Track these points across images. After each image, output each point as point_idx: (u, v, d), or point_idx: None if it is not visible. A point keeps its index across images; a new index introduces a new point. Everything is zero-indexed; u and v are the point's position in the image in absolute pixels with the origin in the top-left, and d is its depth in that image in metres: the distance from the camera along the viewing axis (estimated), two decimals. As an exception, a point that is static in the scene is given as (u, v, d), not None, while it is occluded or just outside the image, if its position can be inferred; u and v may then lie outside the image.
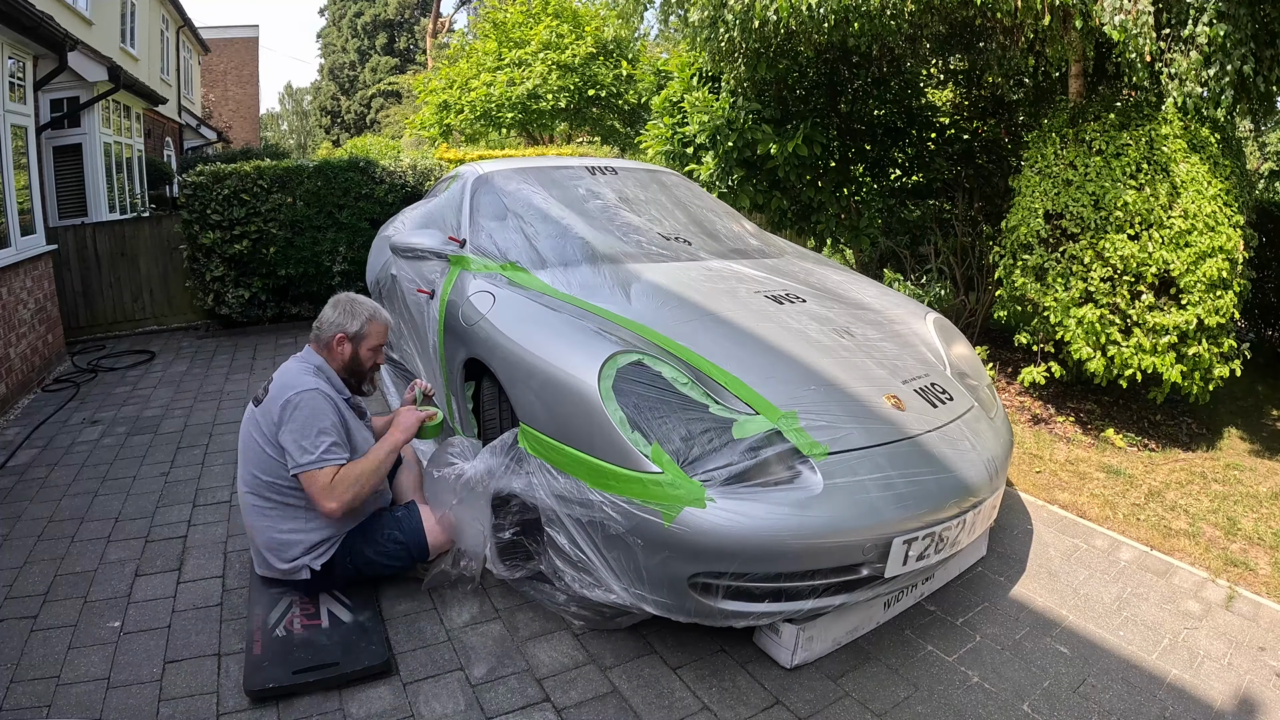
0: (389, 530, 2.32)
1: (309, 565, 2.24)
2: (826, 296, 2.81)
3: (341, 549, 2.27)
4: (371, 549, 2.29)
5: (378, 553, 2.30)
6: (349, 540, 2.28)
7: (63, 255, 5.85)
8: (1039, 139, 3.86)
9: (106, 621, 2.21)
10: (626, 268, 2.79)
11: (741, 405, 2.04)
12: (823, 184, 5.46)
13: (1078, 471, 3.39)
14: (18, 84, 5.30)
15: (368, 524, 2.33)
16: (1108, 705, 1.93)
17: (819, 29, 3.99)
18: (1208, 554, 2.70)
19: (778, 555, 1.82)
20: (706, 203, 3.74)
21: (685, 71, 5.73)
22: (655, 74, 10.18)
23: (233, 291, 5.91)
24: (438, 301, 2.96)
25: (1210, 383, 3.39)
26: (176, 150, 14.25)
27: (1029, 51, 4.08)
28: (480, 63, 12.66)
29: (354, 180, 6.20)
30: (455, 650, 2.10)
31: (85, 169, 8.18)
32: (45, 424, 3.96)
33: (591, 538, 1.99)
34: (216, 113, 22.39)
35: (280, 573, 2.26)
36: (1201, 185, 3.30)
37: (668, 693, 1.95)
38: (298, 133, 41.88)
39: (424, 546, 2.33)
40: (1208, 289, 3.24)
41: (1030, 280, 3.70)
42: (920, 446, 2.08)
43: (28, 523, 2.83)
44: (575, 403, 2.03)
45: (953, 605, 2.35)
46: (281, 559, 2.24)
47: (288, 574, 2.26)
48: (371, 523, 2.34)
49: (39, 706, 1.86)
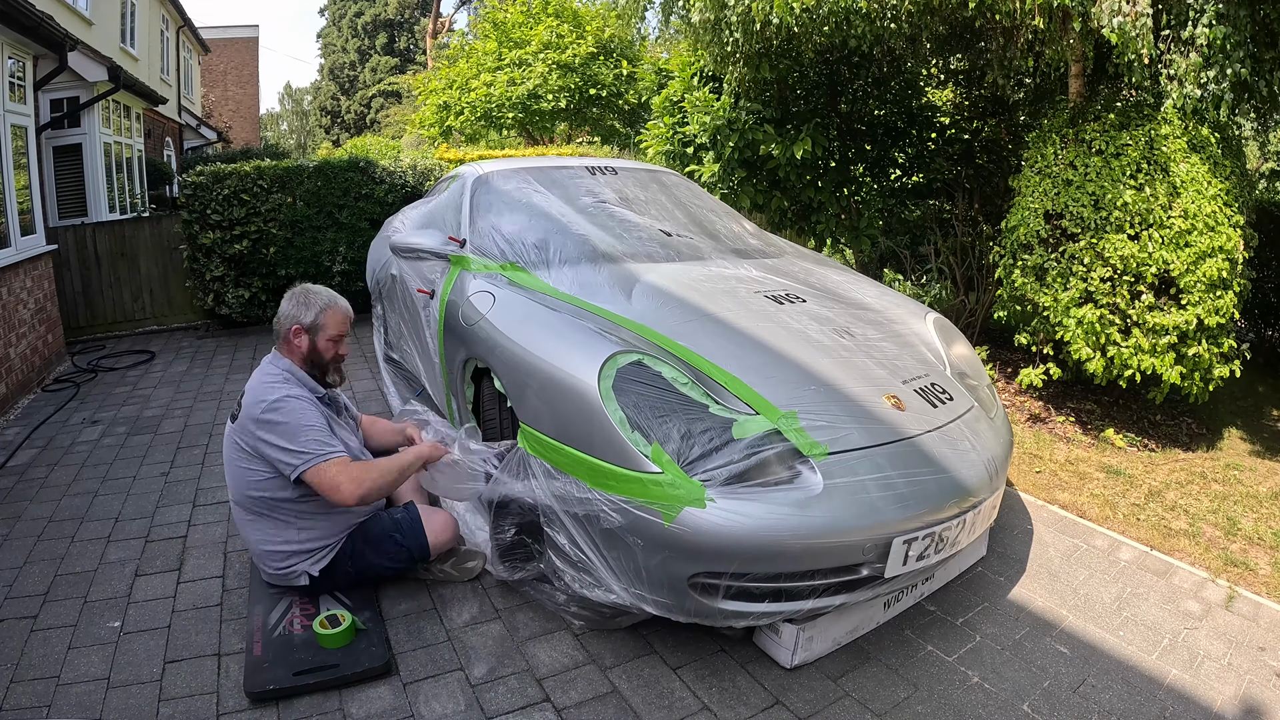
0: (389, 532, 2.31)
1: (307, 571, 2.24)
2: (826, 296, 2.81)
3: (342, 552, 2.26)
4: (372, 551, 2.28)
5: (378, 554, 2.29)
6: (349, 543, 2.27)
7: (63, 255, 5.85)
8: (1039, 139, 3.86)
9: (106, 621, 2.21)
10: (626, 268, 2.79)
11: (741, 405, 2.04)
12: (823, 184, 5.46)
13: (1078, 471, 3.39)
14: (18, 84, 5.30)
15: (368, 526, 2.32)
16: (1108, 705, 1.93)
17: (820, 30, 3.99)
18: (1208, 554, 2.70)
19: (778, 555, 1.82)
20: (706, 203, 3.74)
21: (686, 71, 5.73)
22: (656, 74, 10.17)
23: (233, 291, 5.91)
24: (438, 301, 2.96)
25: (1210, 383, 3.39)
26: (176, 150, 14.26)
27: (1029, 52, 4.08)
28: (480, 63, 12.65)
29: (354, 180, 6.20)
30: (455, 650, 2.10)
31: (85, 169, 8.18)
32: (45, 424, 3.96)
33: (591, 538, 1.99)
34: (216, 113, 22.39)
35: (279, 579, 2.27)
36: (1201, 185, 3.30)
37: (668, 693, 1.95)
38: (298, 133, 41.89)
39: (425, 547, 2.32)
40: (1208, 289, 3.24)
41: (1030, 280, 3.70)
42: (920, 446, 2.08)
43: (28, 523, 2.83)
44: (575, 403, 2.03)
45: (953, 605, 2.36)
46: (277, 567, 2.25)
47: (285, 579, 2.26)
48: (371, 525, 2.33)
49: (39, 706, 1.86)
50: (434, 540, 2.33)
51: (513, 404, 2.27)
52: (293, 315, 2.27)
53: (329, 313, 2.29)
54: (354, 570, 2.27)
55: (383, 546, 2.29)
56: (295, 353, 2.27)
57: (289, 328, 2.26)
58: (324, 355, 2.30)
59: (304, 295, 2.31)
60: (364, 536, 2.30)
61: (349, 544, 2.27)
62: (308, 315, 2.27)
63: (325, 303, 2.30)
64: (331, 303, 2.32)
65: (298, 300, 2.29)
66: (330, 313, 2.30)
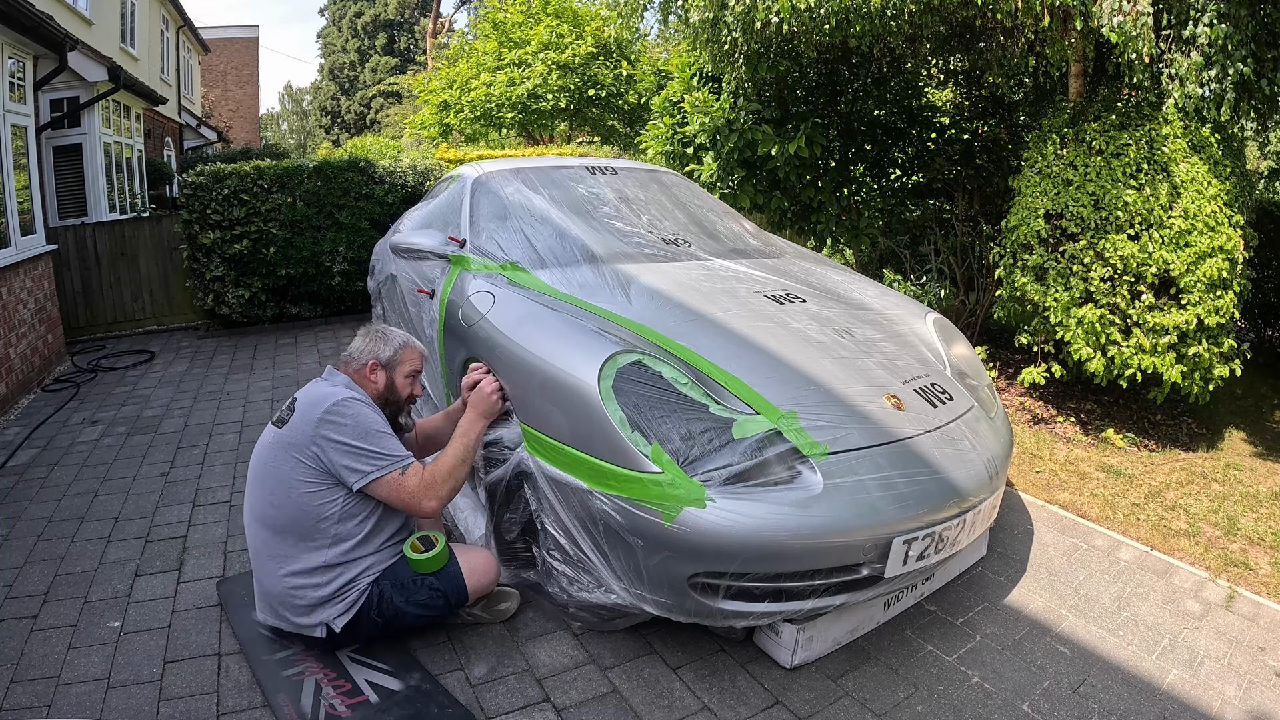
0: (423, 576, 2.04)
1: (325, 624, 1.97)
2: (826, 296, 2.81)
3: (368, 602, 1.99)
4: (403, 598, 2.01)
5: (409, 602, 2.01)
6: (377, 589, 2.00)
7: (63, 255, 5.85)
8: (1039, 139, 3.86)
9: (106, 621, 2.21)
10: (626, 268, 2.79)
11: (741, 405, 2.04)
12: (823, 184, 5.46)
13: (1078, 471, 3.39)
14: (18, 84, 5.30)
15: (398, 570, 2.04)
16: (1108, 705, 1.93)
17: (820, 30, 3.99)
18: (1208, 554, 2.69)
19: (778, 555, 1.82)
20: (706, 203, 3.74)
21: (685, 72, 5.72)
22: (655, 74, 10.17)
23: (233, 291, 5.91)
24: (438, 301, 2.96)
25: (1210, 383, 3.39)
26: (176, 150, 14.25)
27: (1029, 52, 4.08)
28: (480, 63, 12.66)
29: (354, 180, 6.20)
30: (455, 650, 2.10)
31: (85, 169, 8.18)
32: (45, 424, 3.96)
33: (592, 538, 1.99)
34: (216, 113, 22.39)
35: (292, 626, 2.01)
36: (1201, 185, 3.30)
37: (668, 693, 1.95)
38: (298, 133, 41.88)
39: (463, 591, 2.07)
40: (1208, 289, 3.24)
41: (1030, 280, 3.70)
42: (920, 446, 2.08)
43: (28, 523, 2.83)
44: (575, 403, 2.03)
45: (953, 605, 2.35)
46: (295, 612, 1.98)
47: (300, 629, 2.01)
48: (402, 568, 2.04)
49: (39, 706, 1.86)
50: (474, 584, 2.08)
51: (513, 404, 2.27)
52: (371, 350, 2.17)
53: (408, 349, 2.23)
54: (381, 620, 2.01)
55: (416, 593, 2.02)
56: (370, 388, 2.15)
57: (366, 362, 2.16)
58: (401, 393, 2.20)
59: (382, 333, 2.23)
60: (393, 580, 2.02)
61: (375, 589, 2.00)
62: (387, 350, 2.19)
63: (404, 340, 2.24)
64: (409, 341, 2.25)
65: (375, 337, 2.21)
66: (409, 350, 2.23)
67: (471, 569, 2.09)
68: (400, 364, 2.20)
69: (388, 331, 2.24)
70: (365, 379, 2.15)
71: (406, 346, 2.23)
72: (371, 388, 2.15)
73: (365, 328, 2.27)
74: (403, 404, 2.23)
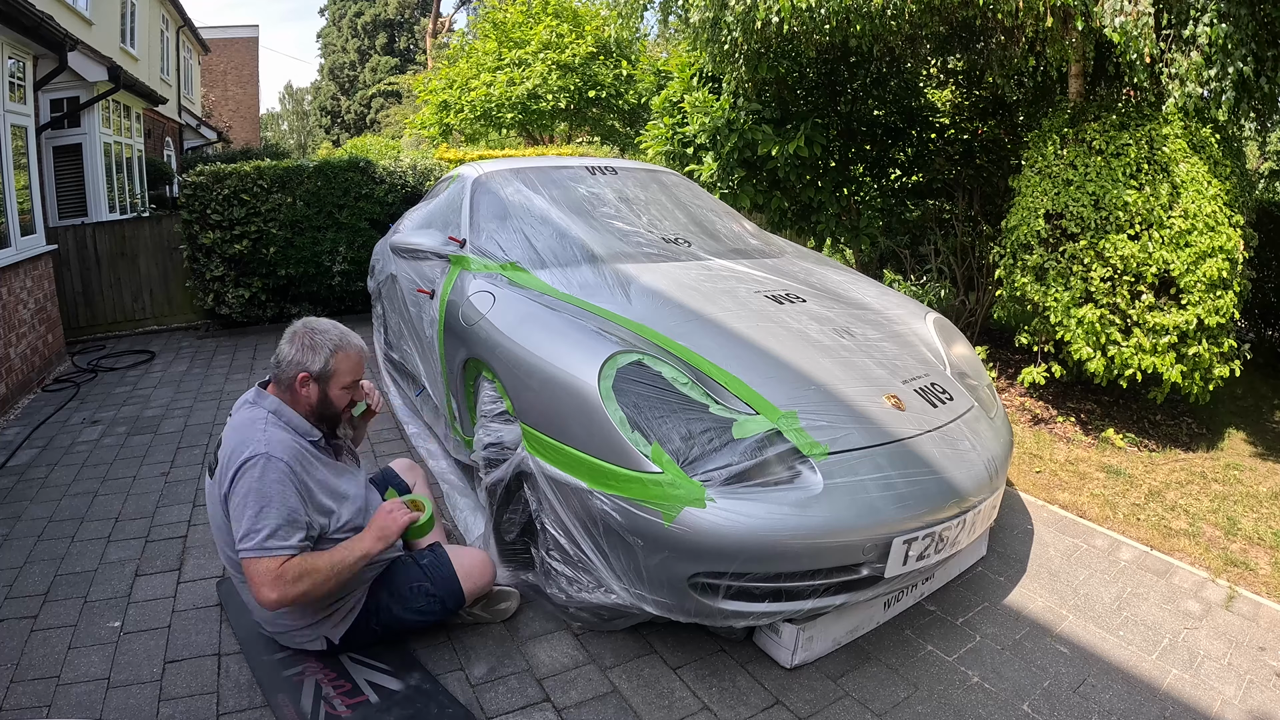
0: (417, 582, 2.02)
1: (324, 637, 1.98)
2: (826, 296, 2.81)
3: (365, 611, 1.98)
4: (399, 606, 2.00)
5: (406, 609, 2.01)
6: (373, 599, 2.00)
7: (63, 255, 5.85)
8: (1039, 139, 3.86)
9: (106, 621, 2.21)
10: (626, 268, 2.79)
11: (741, 405, 2.04)
12: (823, 184, 5.46)
13: (1078, 471, 3.39)
14: (18, 84, 5.30)
15: (392, 577, 2.03)
16: (1108, 705, 1.93)
17: (820, 30, 3.99)
18: (1208, 554, 2.69)
19: (778, 555, 1.82)
20: (706, 203, 3.74)
21: (685, 72, 5.73)
22: (655, 74, 10.18)
23: (233, 291, 5.91)
24: (438, 301, 2.96)
25: (1210, 383, 3.39)
26: (176, 150, 14.26)
27: (1029, 52, 4.08)
28: (480, 63, 12.65)
29: (354, 180, 6.20)
30: (455, 650, 2.10)
31: (85, 169, 8.18)
32: (45, 424, 3.96)
33: (592, 538, 1.99)
34: (216, 113, 22.39)
35: (290, 643, 2.02)
36: (1202, 185, 3.30)
37: (668, 693, 1.95)
38: (298, 133, 41.88)
39: (459, 594, 2.04)
40: (1208, 289, 3.24)
41: (1030, 280, 3.70)
42: (920, 446, 2.08)
43: (28, 523, 2.83)
44: (575, 402, 2.03)
45: (953, 605, 2.35)
46: (285, 636, 2.00)
47: (298, 645, 2.02)
48: (396, 575, 2.04)
49: (39, 706, 1.86)
50: (469, 586, 2.06)
51: (512, 403, 2.27)
52: (297, 361, 1.92)
53: (340, 355, 1.96)
54: (380, 628, 2.01)
55: (411, 599, 2.01)
56: (302, 403, 1.94)
57: (294, 376, 1.92)
58: (336, 405, 1.98)
59: (309, 335, 1.95)
60: (389, 589, 2.01)
61: (371, 600, 1.99)
62: (316, 361, 1.93)
63: (335, 343, 1.96)
64: (342, 343, 1.97)
65: (302, 342, 1.94)
66: (342, 355, 1.96)
67: (467, 571, 2.08)
68: (333, 375, 1.95)
69: (316, 334, 1.96)
70: (296, 394, 1.93)
71: (339, 351, 1.96)
72: (304, 404, 1.94)
73: (292, 328, 2.00)
74: (339, 416, 2.02)
